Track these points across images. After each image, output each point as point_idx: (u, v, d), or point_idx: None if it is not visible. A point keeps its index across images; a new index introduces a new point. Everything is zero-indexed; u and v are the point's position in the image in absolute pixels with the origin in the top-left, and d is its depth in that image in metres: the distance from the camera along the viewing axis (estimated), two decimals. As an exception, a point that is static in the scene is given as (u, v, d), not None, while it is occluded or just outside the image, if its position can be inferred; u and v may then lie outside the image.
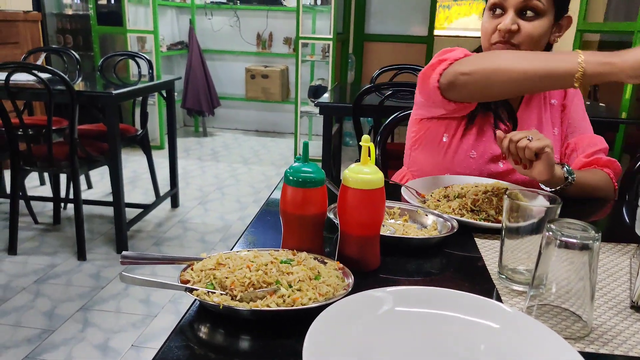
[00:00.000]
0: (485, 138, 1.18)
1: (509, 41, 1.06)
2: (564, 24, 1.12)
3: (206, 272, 0.64)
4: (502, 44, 1.07)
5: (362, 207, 0.71)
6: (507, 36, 1.06)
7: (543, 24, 1.06)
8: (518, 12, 1.06)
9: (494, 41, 1.08)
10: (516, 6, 1.05)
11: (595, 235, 0.57)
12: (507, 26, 1.04)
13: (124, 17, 4.17)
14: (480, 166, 1.17)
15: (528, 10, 1.05)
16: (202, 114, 5.03)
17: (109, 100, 2.29)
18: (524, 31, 1.06)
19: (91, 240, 2.62)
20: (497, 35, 1.07)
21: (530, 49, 1.07)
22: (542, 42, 1.10)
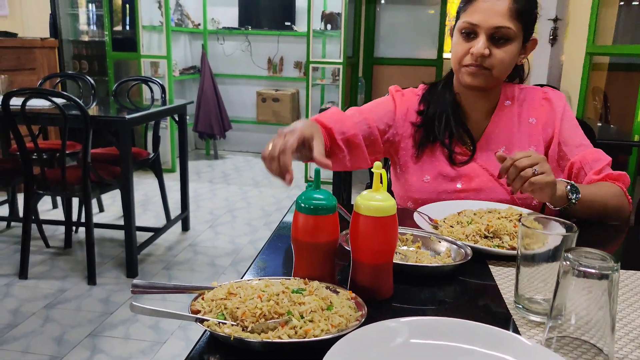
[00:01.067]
0: (438, 162, 1.20)
1: (481, 65, 1.09)
2: (530, 46, 1.16)
3: (217, 302, 0.64)
4: (474, 67, 1.10)
5: (374, 235, 0.70)
6: (479, 60, 1.09)
7: (513, 48, 1.10)
8: (489, 37, 1.08)
9: (466, 63, 1.11)
10: (488, 32, 1.07)
11: (615, 265, 0.55)
12: (480, 51, 1.07)
13: (138, 43, 4.26)
14: (436, 188, 1.19)
15: (499, 36, 1.08)
16: (213, 137, 5.08)
17: (122, 125, 2.33)
18: (496, 56, 1.09)
19: (101, 264, 2.63)
20: (469, 58, 1.10)
21: (501, 73, 1.12)
22: (512, 65, 1.14)
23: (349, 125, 1.16)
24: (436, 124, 1.19)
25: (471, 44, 1.10)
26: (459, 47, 1.12)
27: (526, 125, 1.20)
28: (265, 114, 5.15)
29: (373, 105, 1.26)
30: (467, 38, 1.10)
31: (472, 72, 1.11)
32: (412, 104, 1.24)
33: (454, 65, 1.16)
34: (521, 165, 0.92)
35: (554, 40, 3.78)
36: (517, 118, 1.21)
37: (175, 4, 4.83)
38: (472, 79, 1.12)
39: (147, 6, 4.38)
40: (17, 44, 3.68)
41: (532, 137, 1.19)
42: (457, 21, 1.15)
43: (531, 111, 1.21)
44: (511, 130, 1.20)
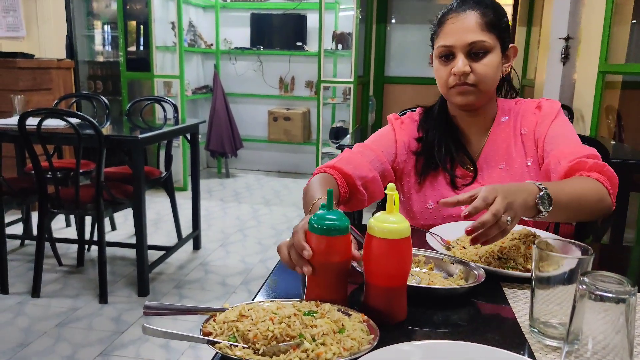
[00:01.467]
0: (440, 187, 1.20)
1: (466, 82, 1.10)
2: (511, 54, 1.17)
3: (229, 324, 0.64)
4: (459, 86, 1.11)
5: (388, 258, 0.70)
6: (463, 78, 1.10)
7: (493, 59, 1.10)
8: (467, 54, 1.09)
9: (451, 85, 1.12)
10: (464, 49, 1.09)
11: (632, 289, 0.54)
12: (461, 69, 1.09)
13: (152, 63, 4.35)
14: (440, 214, 1.19)
15: (477, 51, 1.09)
16: (225, 156, 5.12)
17: (135, 144, 2.36)
18: (477, 71, 1.10)
19: (113, 282, 2.64)
20: (453, 79, 1.11)
21: (487, 86, 1.12)
22: (497, 76, 1.14)
23: (367, 168, 1.17)
24: (436, 150, 1.20)
25: (451, 65, 1.11)
26: (441, 71, 1.14)
27: (520, 138, 1.20)
28: (277, 132, 5.18)
29: (377, 139, 1.25)
30: (446, 61, 1.12)
31: (461, 92, 1.12)
32: (412, 132, 1.25)
33: (442, 90, 1.17)
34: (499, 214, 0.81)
35: (565, 59, 3.78)
36: (513, 131, 1.21)
37: (189, 25, 4.92)
38: (462, 98, 1.13)
39: (160, 27, 4.48)
40: (34, 65, 3.76)
41: (527, 147, 1.18)
42: (433, 48, 1.17)
43: (523, 122, 1.20)
44: (509, 144, 1.19)
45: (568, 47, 3.76)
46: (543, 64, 4.22)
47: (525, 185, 0.90)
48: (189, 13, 4.96)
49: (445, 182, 1.21)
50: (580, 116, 3.65)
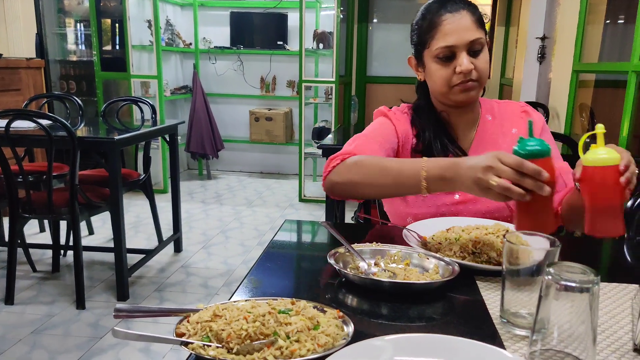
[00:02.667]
0: None
1: (469, 80, 1.13)
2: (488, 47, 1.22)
3: (202, 324, 0.63)
4: (463, 84, 1.14)
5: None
6: (467, 75, 1.13)
7: (487, 54, 1.16)
8: (468, 52, 1.13)
9: (455, 83, 1.15)
10: (466, 47, 1.12)
11: (595, 278, 0.56)
12: (468, 67, 1.11)
13: (128, 63, 4.28)
14: (435, 202, 1.21)
15: (475, 48, 1.13)
16: (206, 157, 5.09)
17: (111, 146, 2.32)
18: (478, 67, 1.14)
19: (91, 287, 2.60)
20: (457, 78, 1.14)
21: (485, 80, 1.16)
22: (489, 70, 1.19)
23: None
24: (434, 147, 1.22)
25: (453, 64, 1.13)
26: (442, 72, 1.15)
27: (510, 135, 1.25)
28: (259, 133, 5.17)
29: (376, 129, 1.23)
30: (446, 61, 1.14)
31: (465, 89, 1.14)
32: (407, 125, 1.26)
33: (441, 89, 1.18)
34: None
35: (542, 58, 3.85)
36: (501, 129, 1.25)
37: (166, 24, 4.87)
38: (465, 95, 1.15)
39: (136, 25, 4.40)
40: (2, 65, 3.64)
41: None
42: (423, 50, 1.18)
43: (513, 122, 1.26)
44: (497, 141, 1.24)
45: (544, 46, 3.83)
46: (521, 63, 4.29)
47: None
48: (166, 11, 4.91)
49: None
50: (556, 114, 3.73)
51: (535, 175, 0.79)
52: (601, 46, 3.69)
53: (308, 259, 1.05)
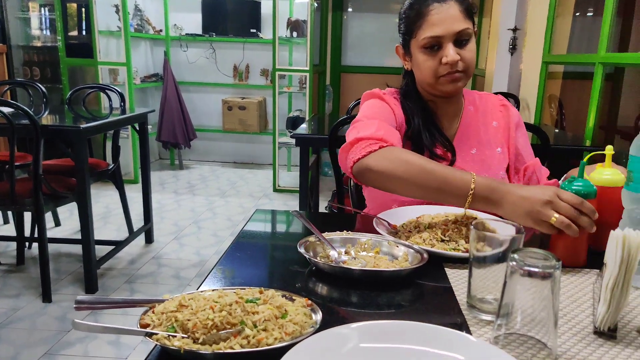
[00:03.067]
0: None
1: (456, 70, 1.14)
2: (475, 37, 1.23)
3: (167, 314, 0.62)
4: (450, 74, 1.14)
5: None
6: (454, 66, 1.13)
7: (474, 44, 1.16)
8: (454, 43, 1.13)
9: (441, 74, 1.15)
10: (452, 38, 1.12)
11: (556, 263, 0.57)
12: (455, 58, 1.12)
13: (95, 49, 4.15)
14: None
15: (462, 38, 1.13)
16: (177, 147, 5.00)
17: (77, 135, 2.25)
18: (465, 57, 1.14)
19: (58, 280, 2.53)
20: (443, 68, 1.14)
21: (471, 71, 1.17)
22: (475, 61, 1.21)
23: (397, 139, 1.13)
24: (423, 136, 1.22)
25: (439, 54, 1.14)
26: (429, 62, 1.15)
27: (491, 128, 1.28)
28: (232, 122, 5.11)
29: (384, 115, 1.19)
30: (432, 51, 1.14)
31: (452, 80, 1.15)
32: (399, 109, 1.26)
33: (428, 80, 1.18)
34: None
35: (513, 49, 3.91)
36: (482, 120, 1.28)
37: (134, 9, 4.74)
38: (452, 86, 1.16)
39: (103, 10, 4.26)
40: (-38, 50, 3.51)
41: (497, 138, 1.27)
42: (410, 39, 1.18)
43: (494, 116, 1.29)
44: (478, 132, 1.27)
45: (515, 38, 3.89)
46: (493, 54, 4.35)
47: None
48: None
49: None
50: (526, 105, 3.80)
51: (590, 214, 0.83)
52: (570, 38, 3.77)
53: (278, 248, 1.04)
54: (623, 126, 3.82)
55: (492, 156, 1.25)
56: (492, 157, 1.25)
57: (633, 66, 3.46)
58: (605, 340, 0.65)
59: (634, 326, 0.68)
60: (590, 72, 2.77)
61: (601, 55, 2.67)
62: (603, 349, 0.63)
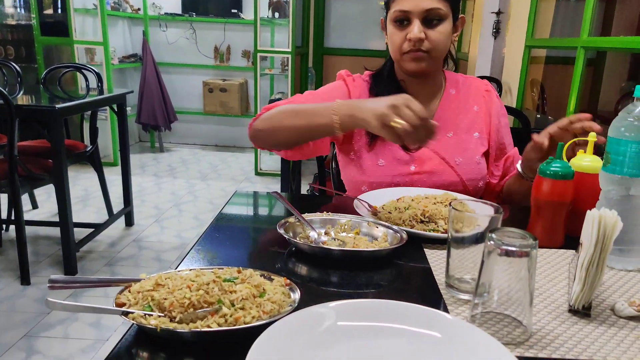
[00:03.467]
0: (391, 147, 1.22)
1: (420, 49, 1.12)
2: (460, 24, 1.20)
3: (144, 293, 0.61)
4: (413, 52, 1.13)
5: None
6: (417, 44, 1.12)
7: (446, 27, 1.13)
8: (423, 21, 1.11)
9: (405, 50, 1.14)
10: (420, 15, 1.10)
11: (533, 242, 0.58)
12: (417, 35, 1.10)
13: (70, 27, 4.03)
14: (391, 172, 1.21)
15: (432, 17, 1.11)
16: (158, 129, 4.92)
17: (52, 115, 2.19)
18: (431, 38, 1.12)
19: (36, 263, 2.49)
20: (407, 45, 1.13)
21: (439, 53, 1.15)
22: (448, 45, 1.17)
23: None
24: None
25: (406, 30, 1.12)
26: (396, 36, 1.14)
27: (471, 112, 1.26)
28: (213, 104, 5.04)
29: (329, 90, 1.24)
30: (402, 26, 1.13)
31: (414, 58, 1.13)
32: (364, 91, 1.25)
33: (394, 55, 1.18)
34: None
35: (497, 33, 3.91)
36: (464, 104, 1.26)
37: (111, -13, 4.61)
38: (416, 65, 1.14)
39: (79, -13, 4.14)
40: None
41: (476, 123, 1.26)
42: (387, 12, 1.17)
43: (476, 100, 1.27)
44: (458, 115, 1.25)
45: (499, 21, 3.89)
46: (476, 38, 4.35)
47: None
48: (112, -26, 4.64)
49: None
50: (508, 89, 3.82)
51: (431, 129, 0.86)
52: (553, 22, 3.79)
53: (258, 229, 1.04)
54: (603, 111, 3.88)
55: (469, 140, 1.24)
56: (468, 141, 1.23)
57: (615, 50, 3.49)
58: (580, 318, 0.66)
59: (608, 305, 0.69)
60: (572, 57, 2.79)
61: (583, 39, 2.70)
62: (577, 327, 0.64)
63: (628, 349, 0.59)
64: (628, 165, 0.76)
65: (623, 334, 0.62)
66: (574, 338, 0.61)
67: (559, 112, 3.65)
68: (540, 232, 0.89)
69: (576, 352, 0.58)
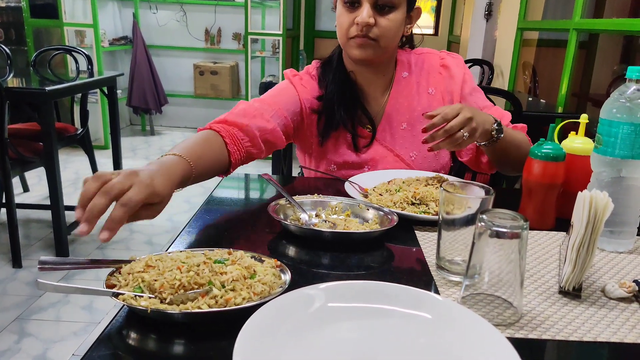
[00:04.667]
0: (342, 150, 1.18)
1: (367, 35, 1.06)
2: (414, 15, 1.14)
3: (134, 275, 0.61)
4: (360, 38, 1.07)
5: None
6: (365, 30, 1.05)
7: (398, 16, 1.06)
8: (373, 6, 1.04)
9: (352, 35, 1.07)
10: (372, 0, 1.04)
11: (524, 223, 0.58)
12: (365, 19, 1.03)
13: (60, 9, 3.96)
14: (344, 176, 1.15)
15: (383, 4, 1.04)
16: (149, 112, 4.87)
17: (43, 97, 2.16)
18: (381, 25, 1.05)
19: (28, 246, 2.48)
20: (354, 29, 1.06)
21: (388, 43, 1.08)
22: (398, 35, 1.10)
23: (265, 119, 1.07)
24: (335, 108, 1.14)
25: (356, 13, 1.05)
26: (343, 18, 1.07)
27: (426, 96, 1.18)
28: (203, 87, 4.98)
29: (276, 94, 1.15)
30: (351, 8, 1.06)
31: (360, 44, 1.07)
32: (313, 90, 1.18)
33: (340, 39, 1.11)
34: (453, 130, 0.91)
35: (489, 15, 3.89)
36: (417, 88, 1.18)
37: (102, -31, 4.51)
38: (361, 52, 1.08)
39: (69, -31, 4.06)
40: None
41: (433, 107, 1.17)
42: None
43: (430, 81, 1.19)
44: (411, 103, 1.18)
45: (491, 3, 3.86)
46: (468, 20, 4.32)
47: (484, 113, 1.00)
48: (101, -46, 4.54)
49: (347, 144, 1.17)
50: (500, 72, 3.81)
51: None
52: (545, 5, 3.77)
53: (249, 211, 1.03)
54: (595, 94, 3.89)
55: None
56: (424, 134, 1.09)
57: (607, 32, 3.48)
58: (570, 299, 0.67)
59: (598, 286, 0.70)
60: (564, 39, 2.79)
61: (575, 21, 2.69)
62: (567, 308, 0.64)
63: (618, 330, 0.60)
64: (620, 146, 0.77)
65: (613, 315, 0.63)
66: (564, 319, 0.62)
67: (551, 94, 3.65)
68: (532, 214, 0.89)
69: (566, 333, 0.59)
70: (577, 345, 0.58)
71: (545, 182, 0.86)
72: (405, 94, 1.18)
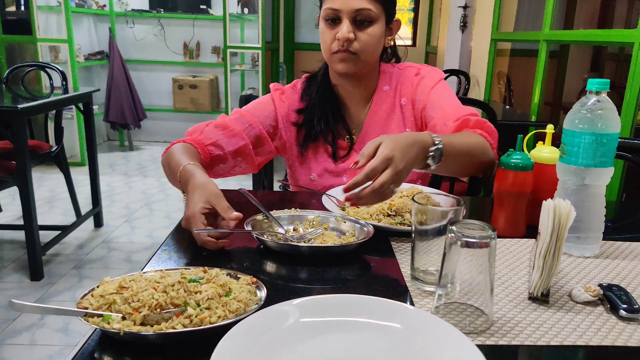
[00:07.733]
0: (322, 159, 1.22)
1: (348, 49, 1.10)
2: (394, 27, 1.18)
3: (106, 297, 0.60)
4: (342, 52, 1.11)
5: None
6: (346, 44, 1.09)
7: (376, 30, 1.11)
8: (353, 21, 1.09)
9: (334, 50, 1.11)
10: (350, 15, 1.08)
11: (492, 233, 0.59)
12: (345, 35, 1.07)
13: (33, 25, 3.91)
14: (323, 184, 1.21)
15: (362, 19, 1.09)
16: (127, 127, 4.83)
17: (15, 115, 2.13)
18: (361, 39, 1.09)
19: (1, 267, 2.42)
20: (336, 44, 1.11)
21: (368, 56, 1.12)
22: (379, 48, 1.15)
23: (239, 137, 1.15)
24: (315, 121, 1.19)
25: (336, 29, 1.10)
26: (326, 35, 1.12)
27: (399, 108, 1.21)
28: (183, 101, 4.96)
29: (255, 106, 1.22)
30: (332, 25, 1.11)
31: (342, 58, 1.11)
32: (293, 103, 1.22)
33: (325, 55, 1.15)
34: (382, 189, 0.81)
35: (464, 26, 3.98)
36: (393, 101, 1.21)
37: (76, -16, 4.48)
38: (343, 65, 1.12)
39: (42, -16, 4.02)
40: None
41: (406, 118, 1.20)
42: (320, 9, 1.15)
43: (404, 92, 1.21)
44: (388, 116, 1.21)
45: (466, 15, 3.95)
46: (444, 32, 4.41)
47: (421, 137, 0.89)
48: (76, -30, 4.51)
49: (327, 154, 1.21)
50: (476, 82, 3.89)
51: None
52: (517, 16, 3.87)
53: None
54: (567, 102, 4.00)
55: None
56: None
57: (575, 43, 3.59)
58: (539, 304, 0.68)
59: (566, 291, 0.72)
60: (536, 49, 2.86)
61: (545, 33, 2.76)
62: (536, 313, 0.66)
63: (584, 333, 0.62)
64: (582, 155, 0.79)
65: (579, 319, 0.65)
66: (532, 324, 0.63)
67: (524, 103, 3.74)
68: (503, 223, 0.91)
69: (534, 338, 0.60)
70: (545, 350, 0.59)
71: (514, 191, 0.88)
72: (384, 107, 1.21)
